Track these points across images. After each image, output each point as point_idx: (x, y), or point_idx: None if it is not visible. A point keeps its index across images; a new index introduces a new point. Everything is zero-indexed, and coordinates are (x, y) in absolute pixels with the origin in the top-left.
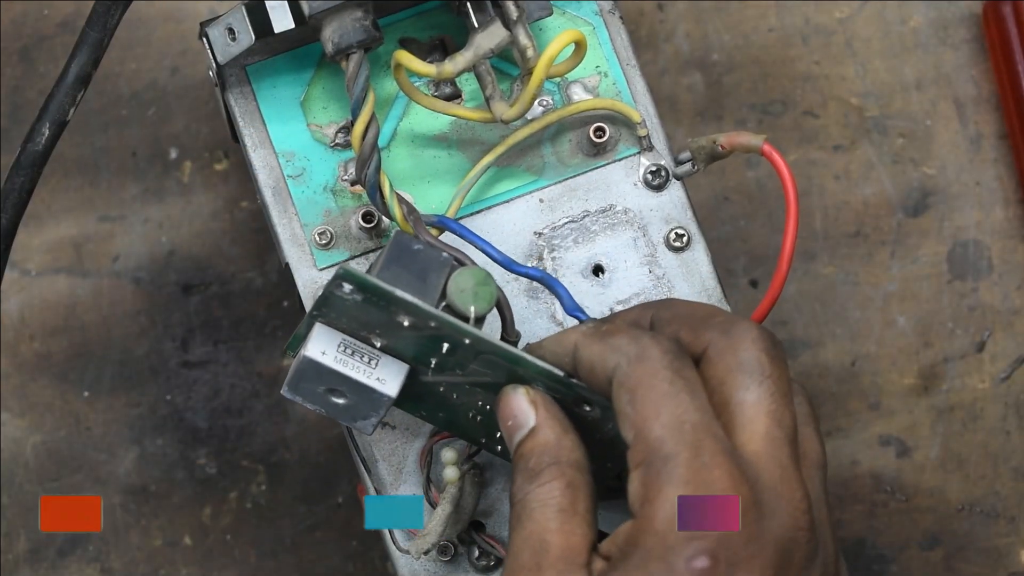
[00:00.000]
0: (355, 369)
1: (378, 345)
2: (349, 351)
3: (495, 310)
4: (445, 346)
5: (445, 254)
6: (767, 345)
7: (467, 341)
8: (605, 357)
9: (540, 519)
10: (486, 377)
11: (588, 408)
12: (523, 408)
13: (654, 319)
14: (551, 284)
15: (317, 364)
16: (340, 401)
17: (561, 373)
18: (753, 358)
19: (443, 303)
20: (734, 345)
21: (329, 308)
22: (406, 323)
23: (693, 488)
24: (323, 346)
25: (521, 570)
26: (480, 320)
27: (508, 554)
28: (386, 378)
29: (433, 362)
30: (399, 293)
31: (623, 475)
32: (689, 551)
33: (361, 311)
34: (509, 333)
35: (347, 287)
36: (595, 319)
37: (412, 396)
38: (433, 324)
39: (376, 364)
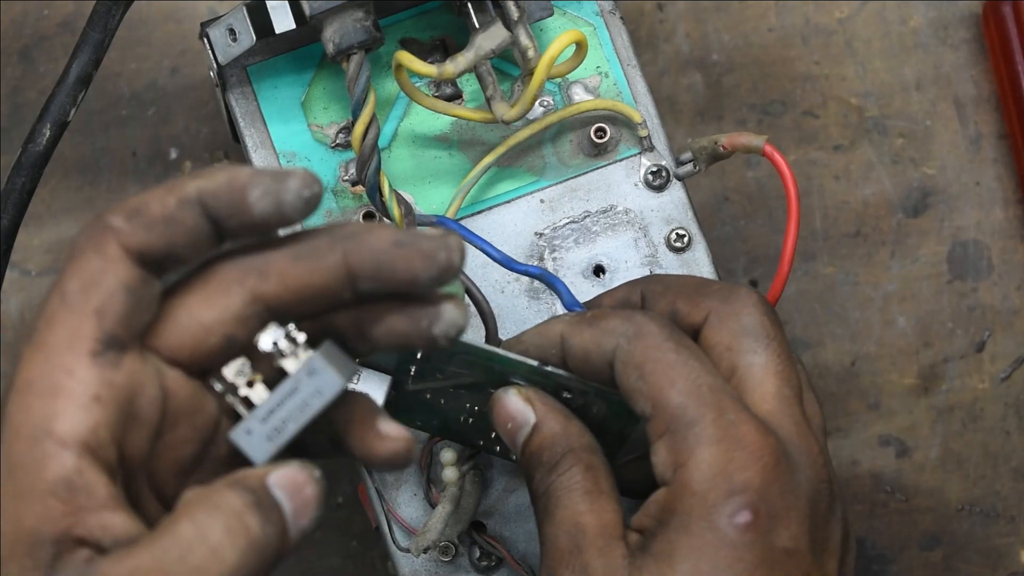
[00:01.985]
0: None
1: (357, 361)
2: None
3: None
4: (419, 352)
5: None
6: (767, 309)
7: None
8: (600, 341)
9: (569, 504)
10: (467, 378)
11: (568, 396)
12: (519, 408)
13: (645, 294)
14: (550, 280)
15: None
16: None
17: (535, 363)
18: (757, 322)
19: None
20: (736, 311)
21: None
22: None
23: (725, 446)
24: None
25: (561, 555)
26: None
27: (544, 545)
28: (369, 392)
29: (413, 370)
30: None
31: (613, 456)
32: (731, 507)
33: None
34: (483, 311)
35: None
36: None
37: (402, 408)
38: None
39: (358, 379)
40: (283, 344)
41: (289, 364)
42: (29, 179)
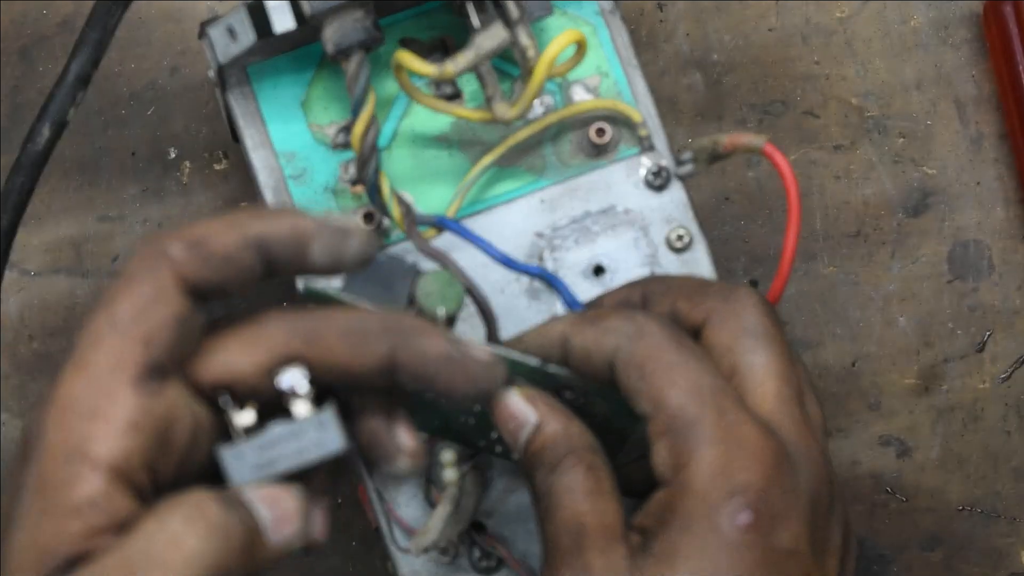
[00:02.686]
0: None
1: None
2: None
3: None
4: None
5: (410, 260)
6: (768, 309)
7: None
8: (601, 341)
9: (571, 504)
10: None
11: (569, 395)
12: (521, 407)
13: (646, 294)
14: (550, 280)
15: None
16: None
17: (535, 362)
18: (757, 322)
19: (412, 309)
20: (737, 311)
21: None
22: None
23: (725, 447)
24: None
25: (562, 555)
26: (451, 320)
27: (545, 545)
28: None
29: None
30: (362, 304)
31: (614, 456)
32: (732, 508)
33: None
34: (485, 311)
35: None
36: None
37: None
38: None
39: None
40: (300, 387)
41: (300, 408)
42: (28, 179)
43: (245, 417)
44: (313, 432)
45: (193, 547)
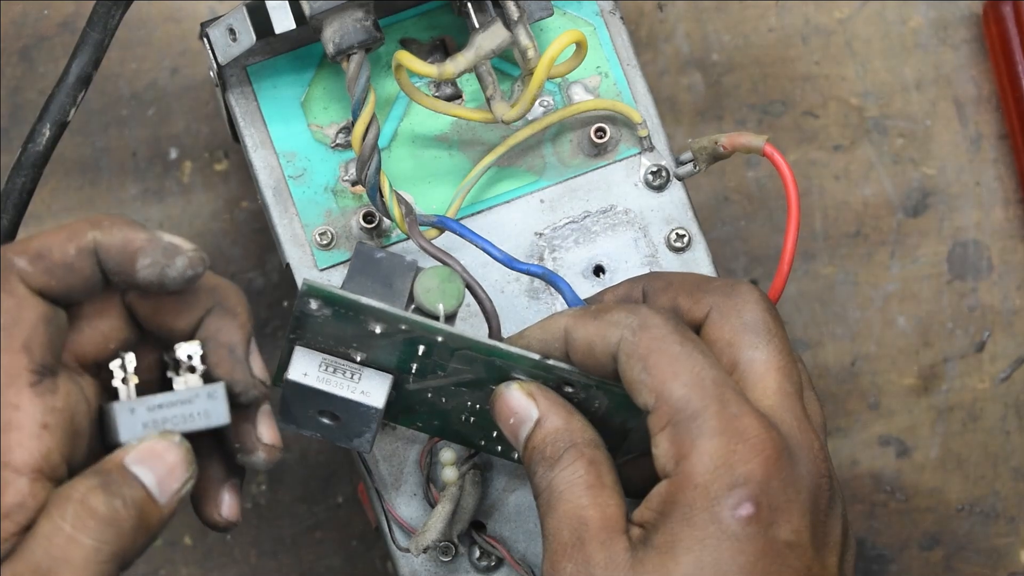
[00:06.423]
0: (339, 386)
1: (359, 359)
2: (331, 369)
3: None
4: (421, 348)
5: (409, 258)
6: (769, 305)
7: (439, 339)
8: (604, 333)
9: (572, 498)
10: (468, 375)
11: (570, 390)
12: (522, 403)
13: (646, 290)
14: (552, 279)
15: (301, 386)
16: (332, 422)
17: (537, 357)
18: (759, 318)
19: (412, 306)
20: (738, 306)
21: (304, 329)
22: (378, 330)
23: (727, 438)
24: (304, 367)
25: (563, 548)
26: (451, 317)
27: (546, 539)
28: (371, 391)
29: (414, 367)
30: (364, 300)
31: (614, 451)
32: (733, 499)
33: (334, 326)
34: (486, 309)
35: (314, 304)
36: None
37: (404, 408)
38: (404, 327)
39: (359, 379)
40: (196, 360)
41: (192, 379)
42: (29, 179)
43: (125, 390)
44: (202, 402)
45: (91, 543)
